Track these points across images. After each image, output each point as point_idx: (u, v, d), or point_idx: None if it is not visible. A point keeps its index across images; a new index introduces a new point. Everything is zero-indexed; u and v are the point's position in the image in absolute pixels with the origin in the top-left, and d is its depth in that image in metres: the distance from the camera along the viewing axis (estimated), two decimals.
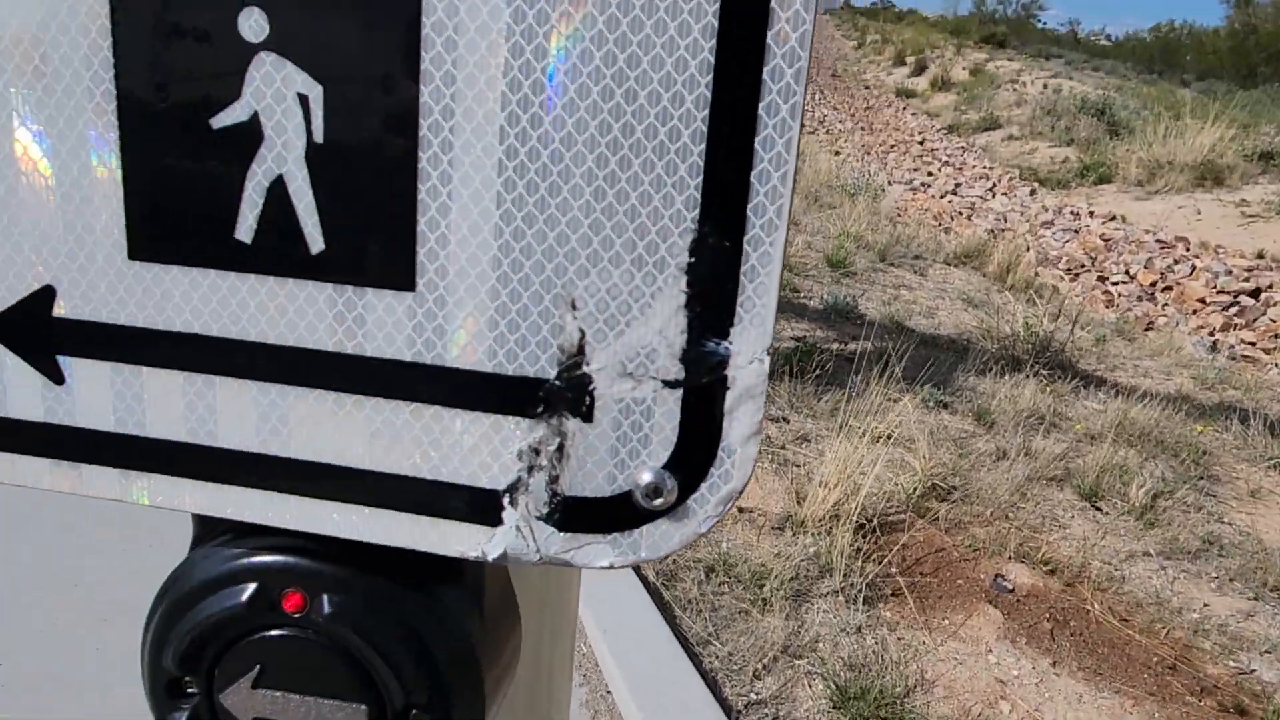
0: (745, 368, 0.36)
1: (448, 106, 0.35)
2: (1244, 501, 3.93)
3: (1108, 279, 6.31)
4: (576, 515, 0.39)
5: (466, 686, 0.46)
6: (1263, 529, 3.73)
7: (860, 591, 3.17)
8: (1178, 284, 6.18)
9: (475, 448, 0.38)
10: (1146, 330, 5.63)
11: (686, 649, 2.79)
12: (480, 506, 0.39)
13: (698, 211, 0.35)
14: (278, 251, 0.38)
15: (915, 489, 3.67)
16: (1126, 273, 6.36)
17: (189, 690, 0.47)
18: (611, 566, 0.40)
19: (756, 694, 2.79)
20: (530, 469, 0.38)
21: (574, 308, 0.36)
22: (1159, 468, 4.07)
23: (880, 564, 3.34)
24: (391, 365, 0.38)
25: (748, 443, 0.37)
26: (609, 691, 2.61)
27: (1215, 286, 5.92)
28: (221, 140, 0.37)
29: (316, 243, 0.37)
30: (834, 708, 2.70)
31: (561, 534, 0.39)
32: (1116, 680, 2.88)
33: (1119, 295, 6.10)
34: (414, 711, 0.46)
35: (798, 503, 3.56)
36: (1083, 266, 6.55)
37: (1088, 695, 2.79)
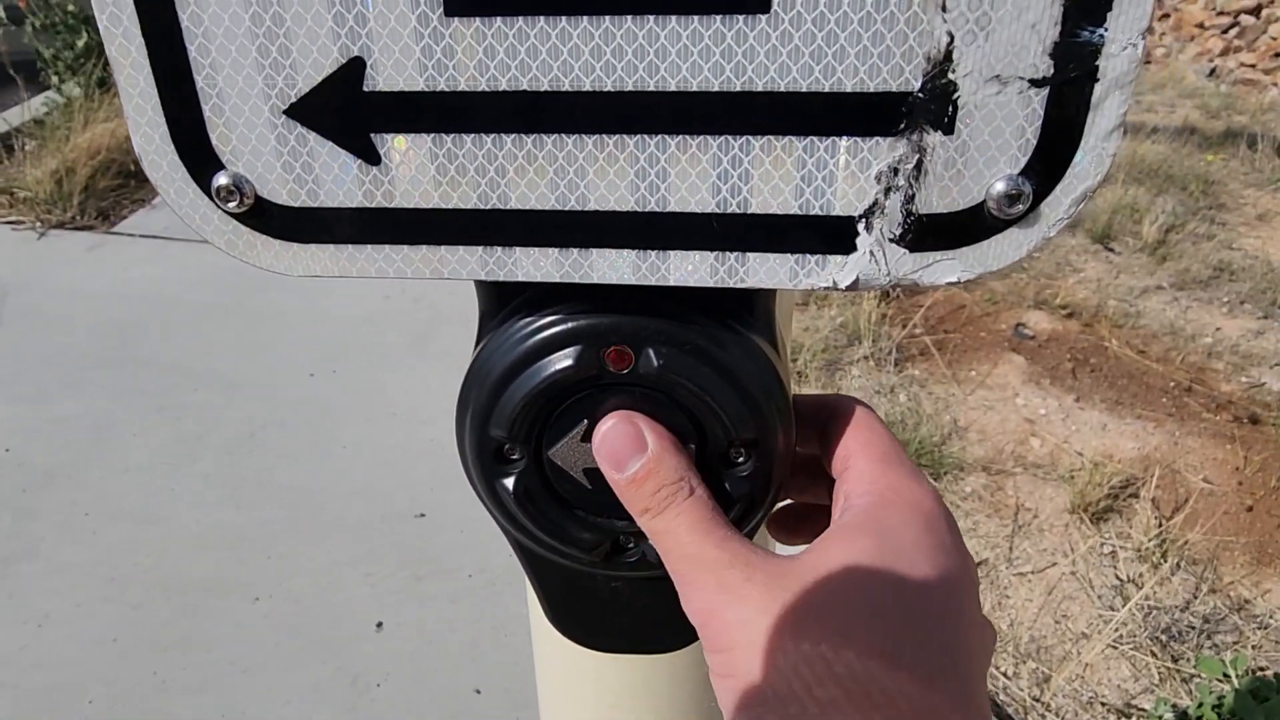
0: (1118, 56, 0.36)
1: None
2: (1252, 226, 4.00)
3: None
4: (929, 233, 0.39)
5: (782, 415, 0.48)
6: (1271, 251, 3.82)
7: (890, 354, 3.28)
8: (1174, 9, 5.96)
9: (831, 175, 0.38)
10: (1146, 63, 5.49)
11: None
12: (834, 235, 0.39)
13: None
14: None
15: None
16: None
17: (513, 457, 0.49)
18: (959, 281, 0.41)
19: None
20: (888, 190, 0.38)
21: (944, 9, 0.35)
22: (1169, 202, 4.11)
23: (905, 327, 3.43)
24: (744, 98, 0.37)
25: (1109, 136, 0.37)
26: None
27: (1214, 8, 5.71)
28: None
29: None
30: None
31: (912, 254, 0.40)
32: (1137, 407, 3.05)
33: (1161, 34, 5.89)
34: (733, 449, 0.48)
35: None
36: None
37: (1111, 424, 2.96)
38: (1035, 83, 0.36)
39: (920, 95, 0.37)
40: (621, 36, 0.37)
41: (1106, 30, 0.35)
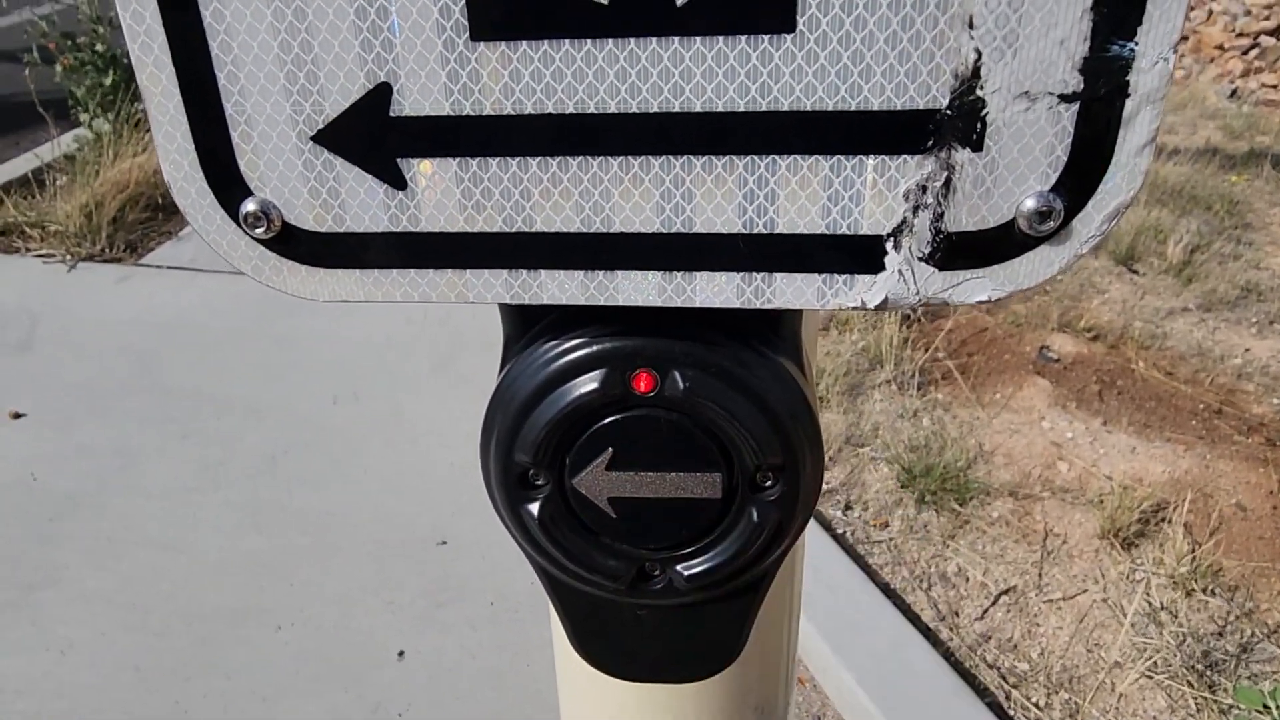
0: (1149, 70, 0.35)
1: None
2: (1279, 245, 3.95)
3: None
4: (958, 251, 0.39)
5: (811, 442, 0.47)
6: None
7: (912, 378, 3.26)
8: (1194, 32, 5.94)
9: (858, 194, 0.38)
10: None
11: None
12: (862, 254, 0.39)
13: None
14: (639, 9, 0.36)
15: None
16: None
17: (538, 483, 0.49)
18: (989, 300, 0.40)
19: (827, 483, 2.93)
20: (916, 209, 0.38)
21: (971, 26, 0.35)
22: (1193, 223, 4.07)
23: (928, 350, 3.41)
24: (769, 118, 0.37)
25: (1142, 152, 0.36)
26: None
27: (1234, 30, 5.68)
28: None
29: None
30: (902, 486, 2.83)
31: (942, 273, 0.39)
32: (1166, 430, 3.01)
33: None
34: (761, 474, 0.48)
35: None
36: None
37: (1140, 446, 2.92)
38: (1065, 98, 0.36)
39: (948, 112, 0.36)
40: (646, 58, 0.37)
41: (1137, 44, 0.35)
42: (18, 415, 2.84)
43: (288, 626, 2.24)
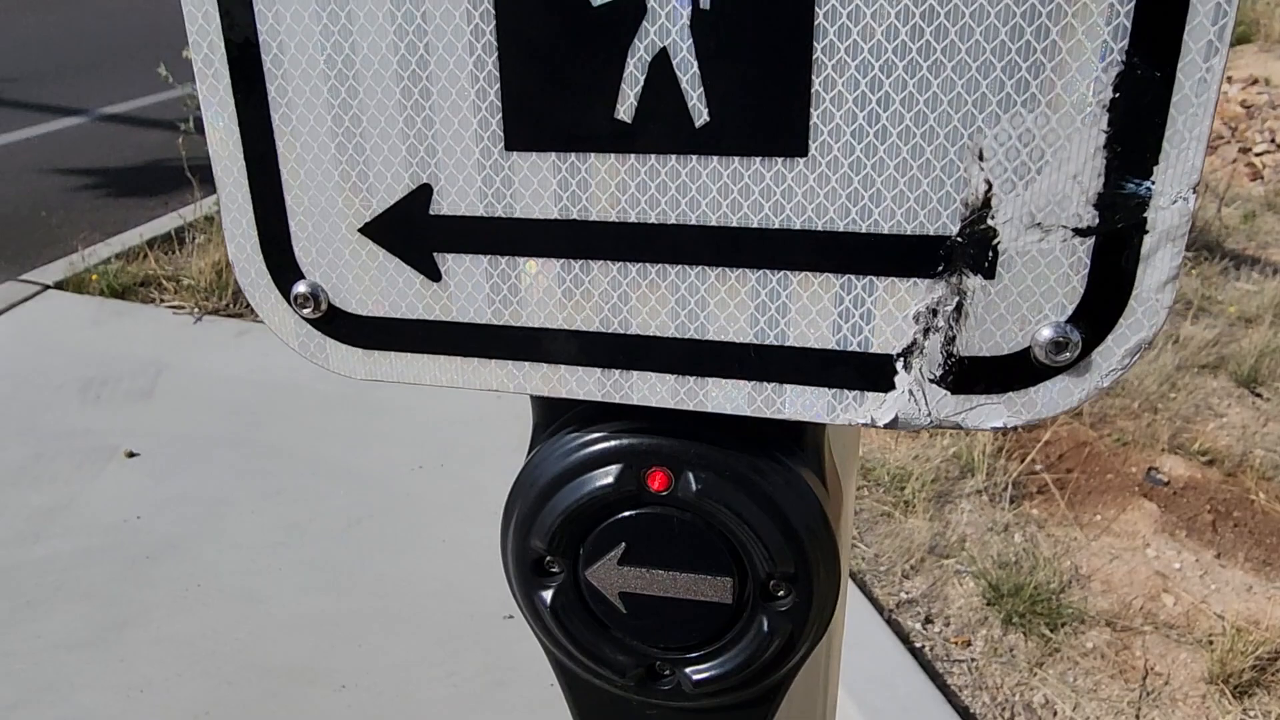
0: (1167, 209, 0.35)
1: None
2: None
3: (1251, 149, 5.83)
4: (971, 376, 0.38)
5: (825, 555, 0.47)
6: None
7: (1005, 490, 3.12)
8: None
9: (868, 313, 0.38)
10: None
11: None
12: (873, 372, 0.39)
13: (1126, 42, 0.33)
14: (660, 128, 0.38)
15: None
16: (1273, 140, 5.85)
17: (553, 570, 0.50)
18: (1005, 427, 0.39)
19: (907, 594, 2.81)
20: (926, 331, 0.38)
21: (981, 158, 0.35)
22: None
23: (1023, 462, 3.27)
24: (781, 236, 0.38)
25: (1164, 289, 0.36)
26: None
27: None
28: (602, 19, 0.37)
29: (701, 115, 0.37)
30: (987, 604, 2.69)
31: (955, 396, 0.39)
32: None
33: (1265, 166, 5.64)
34: (774, 582, 0.47)
35: None
36: (1221, 138, 6.07)
37: (1258, 586, 2.70)
38: (1080, 232, 0.36)
39: (959, 239, 0.37)
40: (666, 173, 0.39)
41: (1154, 183, 0.35)
42: (132, 454, 3.03)
43: (351, 688, 2.26)
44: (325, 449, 3.19)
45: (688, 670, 0.49)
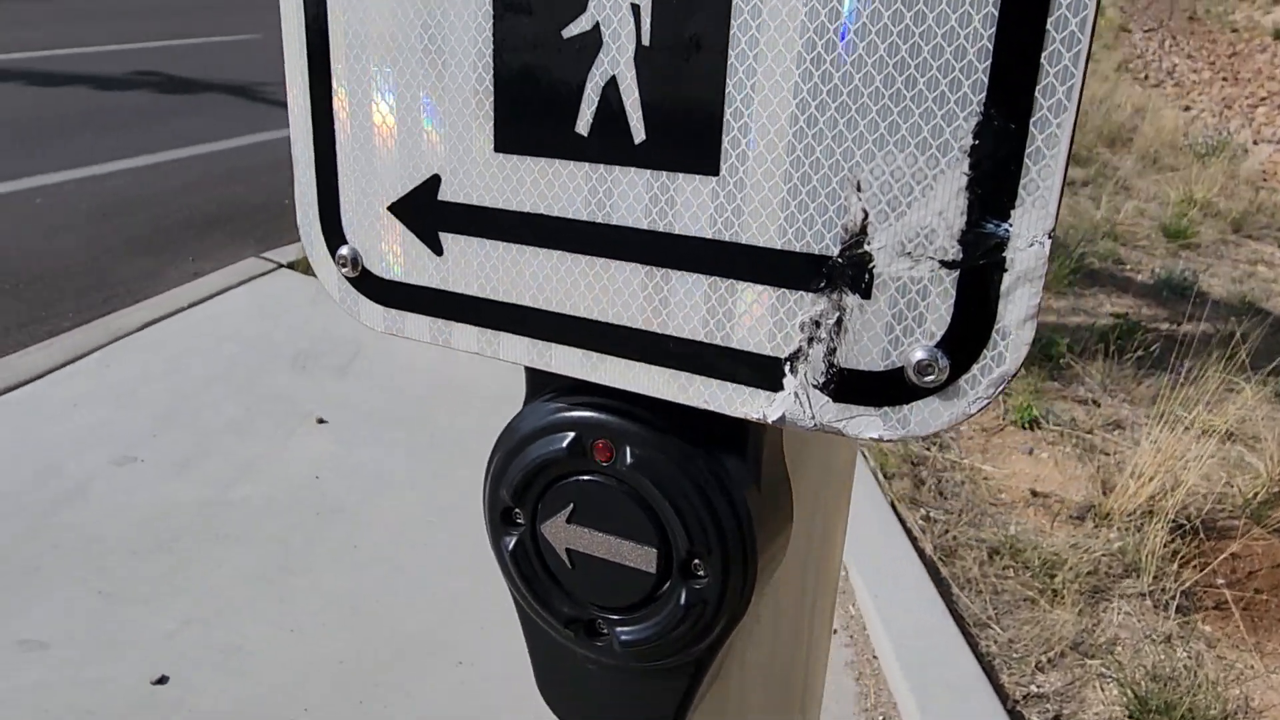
0: (1024, 250, 0.38)
1: (755, 6, 0.40)
2: None
3: None
4: (850, 387, 0.42)
5: (740, 546, 0.51)
6: None
7: (1173, 598, 2.85)
8: None
9: (763, 318, 0.43)
10: None
11: (961, 628, 2.68)
12: (764, 372, 0.44)
13: (984, 95, 0.37)
14: (608, 142, 0.45)
15: (1256, 493, 3.21)
16: None
17: (517, 520, 0.57)
18: (880, 439, 0.43)
19: (1038, 687, 2.63)
20: (810, 340, 0.43)
21: (859, 189, 0.40)
22: None
23: (1201, 571, 2.98)
24: (696, 242, 0.44)
25: (1023, 326, 0.38)
26: (875, 657, 2.58)
27: None
28: (570, 48, 0.45)
29: (639, 134, 0.44)
30: (1130, 717, 2.47)
31: (836, 404, 0.43)
32: None
33: None
34: (695, 561, 0.53)
35: (1103, 493, 3.26)
36: None
37: None
38: (946, 264, 0.40)
39: (839, 260, 0.42)
40: (611, 180, 0.46)
41: (1012, 225, 0.38)
42: (322, 421, 3.39)
43: (467, 665, 2.42)
44: (486, 445, 3.43)
45: (619, 630, 0.55)
